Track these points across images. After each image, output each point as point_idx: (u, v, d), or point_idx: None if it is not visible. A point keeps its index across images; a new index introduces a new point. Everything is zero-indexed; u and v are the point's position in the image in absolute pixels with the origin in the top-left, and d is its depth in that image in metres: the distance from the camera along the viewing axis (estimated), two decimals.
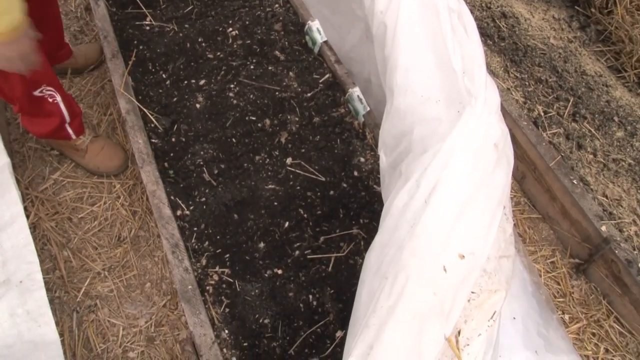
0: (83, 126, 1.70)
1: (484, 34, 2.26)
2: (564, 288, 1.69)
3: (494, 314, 0.96)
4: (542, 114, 1.98)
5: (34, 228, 1.63)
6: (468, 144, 1.08)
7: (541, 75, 2.12)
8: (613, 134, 1.96)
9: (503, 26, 2.27)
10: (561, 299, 1.67)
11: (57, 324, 1.40)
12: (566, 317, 1.63)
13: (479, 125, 1.12)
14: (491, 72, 2.11)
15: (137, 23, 1.99)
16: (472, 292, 0.96)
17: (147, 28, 1.98)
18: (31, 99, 1.46)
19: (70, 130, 1.64)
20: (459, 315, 0.91)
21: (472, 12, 2.30)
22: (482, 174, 1.06)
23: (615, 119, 2.00)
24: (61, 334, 1.44)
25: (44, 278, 1.40)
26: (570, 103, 2.02)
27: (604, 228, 1.60)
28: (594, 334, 1.60)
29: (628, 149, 1.93)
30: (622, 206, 1.75)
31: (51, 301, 1.48)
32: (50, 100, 1.49)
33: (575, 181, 1.70)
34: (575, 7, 2.44)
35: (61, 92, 1.51)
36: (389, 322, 0.85)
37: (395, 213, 1.01)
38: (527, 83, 2.09)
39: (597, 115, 2.00)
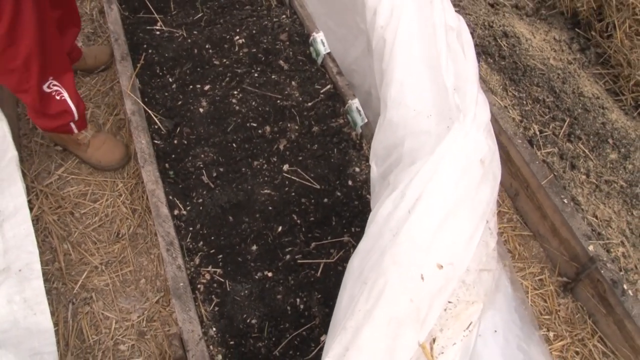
0: (86, 121, 1.76)
1: (485, 53, 2.30)
2: (550, 306, 1.71)
3: (470, 324, 0.99)
4: (538, 133, 2.02)
5: (36, 220, 1.69)
6: (454, 158, 1.11)
7: (539, 94, 2.15)
8: (607, 155, 1.99)
9: (504, 45, 2.31)
10: (547, 317, 1.69)
11: (52, 313, 1.45)
12: (551, 334, 1.65)
13: (467, 141, 1.16)
14: (490, 90, 2.14)
15: (147, 27, 2.06)
16: (450, 302, 0.99)
17: (157, 33, 2.05)
18: (41, 95, 1.51)
19: (73, 125, 1.70)
20: (435, 323, 0.94)
21: (474, 31, 2.36)
22: (466, 188, 1.09)
23: (610, 141, 2.03)
24: (56, 324, 1.48)
25: (43, 269, 1.44)
26: (566, 123, 2.05)
27: (591, 248, 1.63)
28: (577, 353, 1.62)
29: (621, 171, 1.95)
30: (611, 227, 1.77)
31: (48, 292, 1.53)
32: (58, 97, 1.55)
33: (566, 200, 1.73)
34: (576, 29, 2.48)
35: (70, 89, 1.57)
36: (365, 326, 0.88)
37: (380, 221, 1.05)
38: (524, 102, 2.13)
39: (592, 137, 2.03)
